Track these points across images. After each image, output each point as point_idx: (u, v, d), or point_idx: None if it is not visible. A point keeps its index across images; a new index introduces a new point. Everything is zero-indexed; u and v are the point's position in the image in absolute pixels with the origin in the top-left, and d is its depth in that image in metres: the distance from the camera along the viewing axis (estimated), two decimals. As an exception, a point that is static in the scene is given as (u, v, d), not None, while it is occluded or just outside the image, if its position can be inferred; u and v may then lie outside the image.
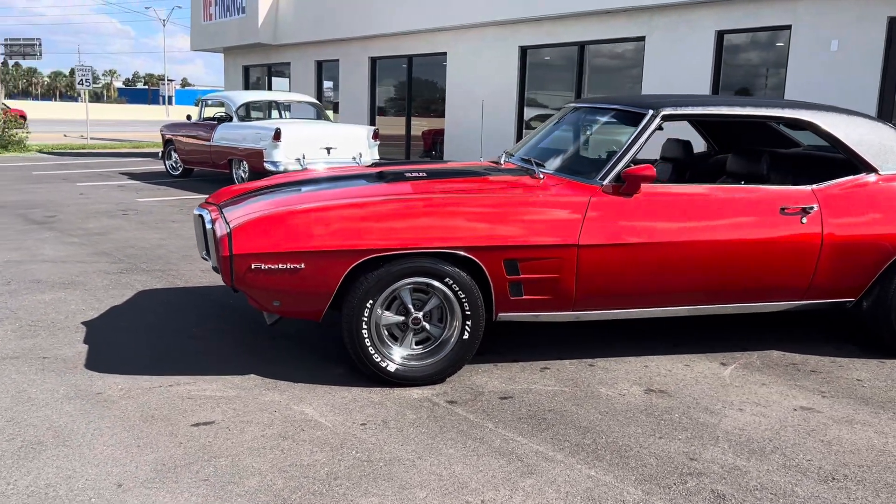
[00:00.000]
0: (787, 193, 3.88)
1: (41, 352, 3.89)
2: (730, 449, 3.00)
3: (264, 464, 2.77)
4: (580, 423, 3.22)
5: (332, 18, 15.62)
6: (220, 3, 18.34)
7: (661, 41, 10.60)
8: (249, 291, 3.45)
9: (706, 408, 3.41)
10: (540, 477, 2.73)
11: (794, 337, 4.49)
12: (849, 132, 4.03)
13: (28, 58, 45.25)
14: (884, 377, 3.86)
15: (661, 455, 2.93)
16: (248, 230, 3.39)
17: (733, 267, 3.79)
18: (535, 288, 3.63)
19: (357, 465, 2.79)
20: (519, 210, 3.58)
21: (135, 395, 3.35)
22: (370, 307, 3.45)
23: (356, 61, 15.82)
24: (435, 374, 3.58)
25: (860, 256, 3.92)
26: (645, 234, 3.65)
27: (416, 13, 13.81)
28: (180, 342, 4.12)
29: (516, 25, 12.50)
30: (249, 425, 3.09)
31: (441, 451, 2.92)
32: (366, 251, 3.36)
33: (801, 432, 3.17)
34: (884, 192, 3.98)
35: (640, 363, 3.99)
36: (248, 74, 19.59)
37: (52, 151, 20.77)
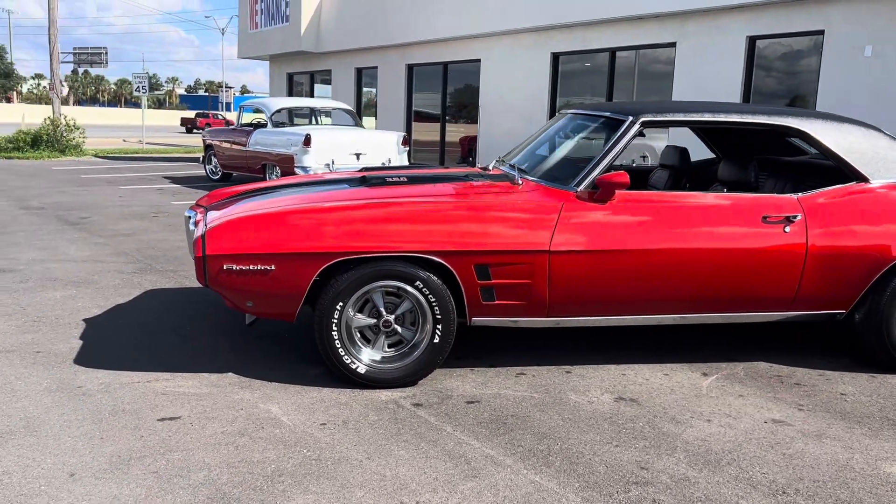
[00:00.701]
0: (770, 201, 3.80)
1: (37, 346, 4.06)
2: (685, 459, 2.96)
3: (215, 459, 2.84)
4: (540, 428, 3.22)
5: (372, 26, 15.82)
6: (266, 12, 18.75)
7: (692, 47, 10.45)
8: (223, 291, 3.55)
9: (673, 417, 3.37)
10: (482, 481, 2.75)
11: (788, 349, 4.39)
12: (839, 140, 3.92)
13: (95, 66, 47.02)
14: (870, 392, 3.74)
15: (611, 463, 2.91)
16: (220, 232, 3.49)
17: (713, 276, 3.73)
18: (507, 293, 3.64)
19: (305, 463, 2.84)
20: (491, 216, 3.60)
21: (112, 390, 3.48)
22: (340, 309, 3.51)
23: (394, 68, 15.99)
24: (405, 376, 3.62)
25: (848, 267, 3.82)
26: (619, 242, 3.62)
27: (452, 21, 13.90)
28: (172, 340, 4.25)
29: (549, 32, 12.46)
30: (213, 422, 3.18)
31: (392, 452, 2.95)
32: (334, 254, 3.43)
33: (764, 445, 3.10)
34: (874, 201, 3.87)
35: (618, 371, 3.95)
36: (293, 81, 19.96)
37: (106, 156, 21.55)
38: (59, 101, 22.99)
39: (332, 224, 3.47)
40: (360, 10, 16.27)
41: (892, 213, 3.84)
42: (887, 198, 3.88)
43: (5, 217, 8.68)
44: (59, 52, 22.51)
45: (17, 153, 20.52)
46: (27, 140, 21.24)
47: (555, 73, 12.59)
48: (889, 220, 3.83)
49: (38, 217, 8.76)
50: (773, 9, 9.45)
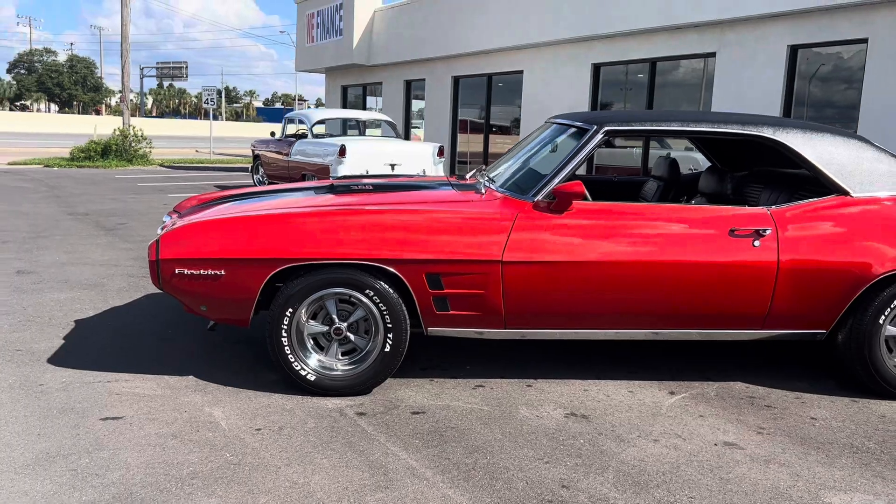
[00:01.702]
0: (738, 214, 3.64)
1: (20, 344, 4.22)
2: (612, 480, 2.85)
3: (138, 459, 2.89)
4: (475, 442, 3.15)
5: (420, 39, 15.96)
6: (321, 26, 19.14)
7: (731, 57, 10.13)
8: (177, 295, 3.62)
9: (619, 436, 3.25)
10: (392, 492, 2.71)
11: (772, 370, 4.19)
12: (819, 151, 3.73)
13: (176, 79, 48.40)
14: (843, 418, 3.53)
15: (534, 480, 2.83)
16: (174, 237, 3.56)
17: (676, 290, 3.59)
18: (461, 303, 3.59)
19: (224, 467, 2.86)
20: (444, 225, 3.55)
21: (70, 389, 3.58)
22: (290, 315, 3.52)
23: (440, 80, 16.07)
24: (356, 385, 3.60)
25: (825, 285, 3.62)
26: (574, 253, 3.53)
27: (495, 33, 13.89)
28: (149, 342, 4.35)
29: (590, 43, 12.30)
30: (152, 423, 3.24)
31: (314, 460, 2.94)
32: (282, 260, 3.45)
33: (704, 469, 2.96)
34: (854, 216, 3.66)
35: (581, 386, 3.84)
36: (347, 93, 20.29)
37: (170, 165, 22.32)
38: (128, 112, 23.99)
39: (280, 231, 3.50)
40: (409, 23, 16.44)
41: (872, 228, 3.63)
42: (869, 212, 3.66)
43: (48, 222, 9.08)
44: (129, 65, 23.48)
45: (87, 162, 21.49)
46: (97, 150, 22.22)
47: (595, 84, 12.41)
48: (869, 236, 3.61)
49: (78, 222, 9.13)
50: (814, 16, 9.08)
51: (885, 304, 3.64)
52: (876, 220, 3.64)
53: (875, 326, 3.65)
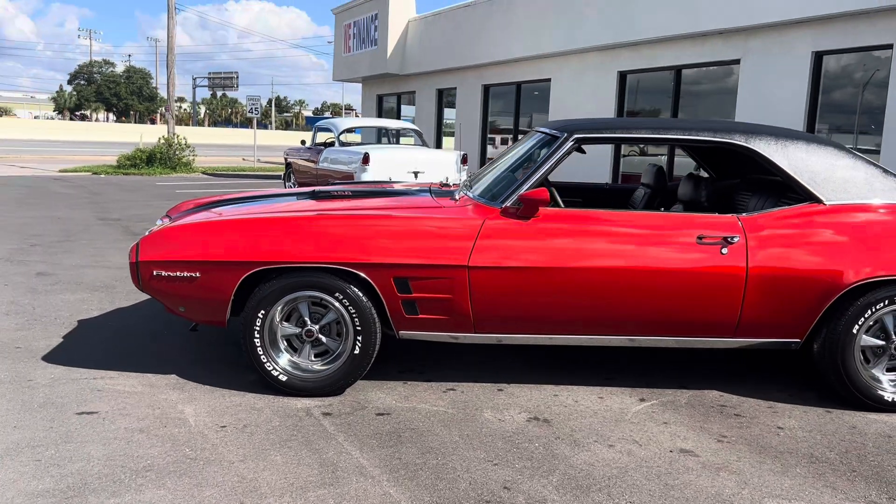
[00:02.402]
0: (707, 221, 3.63)
1: (21, 342, 4.43)
2: (556, 483, 2.87)
3: (101, 452, 3.02)
4: (430, 443, 3.21)
5: (451, 48, 16.09)
6: (357, 37, 19.44)
7: (755, 64, 9.99)
8: (156, 296, 3.76)
9: (575, 441, 3.27)
10: (335, 489, 2.78)
11: (753, 378, 4.15)
12: (791, 159, 3.69)
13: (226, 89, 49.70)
14: (812, 428, 3.48)
15: (477, 481, 2.87)
16: (153, 240, 3.71)
17: (643, 297, 3.60)
18: (430, 307, 3.65)
19: (180, 460, 2.97)
20: (413, 230, 3.62)
21: (57, 385, 3.75)
22: (262, 317, 3.63)
23: (471, 89, 16.17)
24: (326, 386, 3.69)
25: (796, 293, 3.58)
26: (540, 258, 3.56)
27: (523, 41, 13.93)
28: (142, 342, 4.52)
29: (616, 50, 12.26)
30: (124, 418, 3.37)
31: (268, 456, 3.04)
32: (254, 263, 3.56)
33: (652, 474, 2.96)
34: (825, 224, 3.61)
35: (552, 391, 3.87)
36: (382, 102, 20.54)
37: (212, 173, 22.88)
38: (172, 121, 24.66)
39: (252, 234, 3.61)
40: (441, 32, 16.59)
41: (844, 236, 3.58)
42: (841, 220, 3.61)
43: (79, 227, 9.43)
44: (174, 76, 24.16)
45: (133, 170, 22.18)
46: (143, 158, 22.90)
47: (621, 92, 12.35)
48: (841, 245, 3.56)
49: (108, 227, 9.46)
50: (839, 22, 8.91)
51: (859, 314, 3.58)
52: (848, 228, 3.59)
53: (848, 336, 3.60)
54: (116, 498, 2.66)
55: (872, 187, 3.69)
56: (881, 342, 3.68)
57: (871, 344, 3.68)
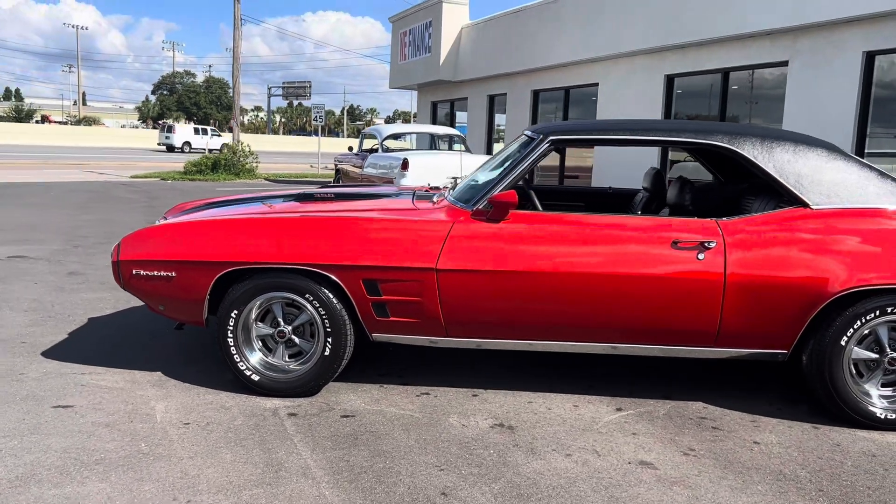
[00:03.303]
0: (683, 226, 3.49)
1: (28, 337, 4.61)
2: (497, 491, 2.80)
3: (60, 444, 3.10)
4: (384, 447, 3.18)
5: (501, 54, 16.03)
6: (412, 44, 19.59)
7: (804, 65, 9.58)
8: (137, 295, 3.86)
9: (533, 449, 3.18)
10: (271, 488, 2.78)
11: (746, 391, 3.97)
12: (777, 161, 3.52)
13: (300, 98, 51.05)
14: (791, 444, 3.30)
15: (417, 486, 2.83)
16: (133, 240, 3.81)
17: (616, 303, 3.48)
18: (400, 310, 3.63)
19: (132, 455, 3.03)
20: (383, 232, 3.61)
21: (45, 379, 3.88)
22: (235, 317, 3.68)
23: (520, 95, 16.06)
24: (298, 387, 3.71)
25: (779, 302, 3.40)
26: (507, 262, 3.49)
27: (571, 45, 13.76)
28: (142, 340, 4.64)
29: (663, 54, 11.97)
30: (95, 412, 3.46)
31: (218, 454, 3.06)
32: (225, 263, 3.61)
33: (600, 486, 2.86)
34: (810, 230, 3.42)
35: (528, 398, 3.78)
36: (436, 109, 20.63)
37: (274, 179, 23.44)
38: (237, 129, 25.40)
39: (224, 235, 3.67)
40: (492, 38, 16.55)
41: (830, 243, 3.38)
42: (827, 226, 3.42)
43: (124, 229, 9.76)
44: (240, 85, 24.89)
45: (198, 176, 22.92)
46: (208, 164, 23.66)
47: (668, 96, 12.04)
48: (827, 252, 3.37)
49: (152, 231, 9.77)
50: (892, 20, 8.46)
51: (847, 325, 3.38)
52: (834, 234, 3.40)
53: (836, 348, 3.40)
54: (57, 489, 2.73)
55: (865, 191, 3.48)
56: (875, 355, 3.46)
57: (863, 357, 3.46)
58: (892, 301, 3.35)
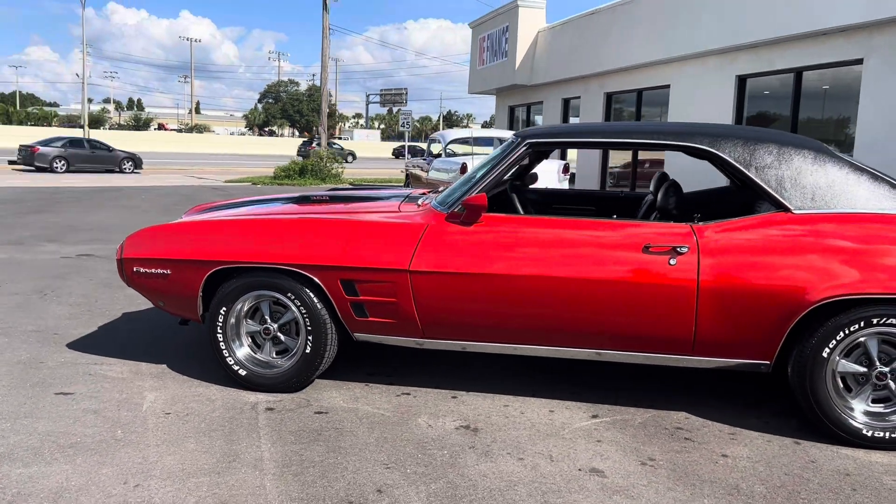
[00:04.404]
0: (657, 230, 3.39)
1: (61, 329, 4.95)
2: (432, 491, 2.82)
3: (46, 428, 3.33)
4: (343, 443, 3.25)
5: (575, 56, 15.85)
6: (490, 49, 19.64)
7: (880, 63, 9.01)
8: (139, 291, 4.09)
9: (488, 452, 3.18)
10: (216, 478, 2.90)
11: (737, 402, 3.81)
12: (759, 163, 3.37)
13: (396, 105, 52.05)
14: (762, 458, 3.15)
15: (356, 482, 2.88)
16: (135, 239, 4.04)
17: (587, 308, 3.42)
18: (377, 310, 3.70)
19: (105, 440, 3.21)
20: (360, 234, 3.68)
21: (60, 368, 4.17)
22: (224, 314, 3.84)
23: (593, 98, 15.81)
24: (281, 383, 3.83)
25: (755, 310, 3.26)
26: (478, 264, 3.50)
27: (643, 46, 13.46)
28: (162, 334, 4.90)
29: (734, 54, 11.52)
30: (90, 400, 3.69)
31: (184, 444, 3.21)
32: (214, 262, 3.78)
33: (537, 492, 2.83)
34: (790, 235, 3.25)
35: (504, 402, 3.77)
36: (514, 114, 20.58)
37: (359, 184, 23.98)
38: (325, 135, 26.14)
39: (214, 236, 3.83)
40: (566, 41, 16.39)
41: (810, 249, 3.21)
42: (807, 231, 3.24)
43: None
44: (327, 94, 25.60)
45: (287, 180, 23.80)
46: (296, 169, 24.53)
47: (740, 98, 11.58)
48: (806, 258, 3.20)
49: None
50: (974, 12, 7.87)
51: (830, 336, 3.20)
52: (815, 240, 3.22)
53: (817, 359, 3.22)
54: (25, 468, 2.94)
55: (854, 195, 3.29)
56: (863, 369, 3.26)
57: (851, 370, 3.27)
58: (878, 312, 3.15)
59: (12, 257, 7.78)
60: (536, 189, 5.14)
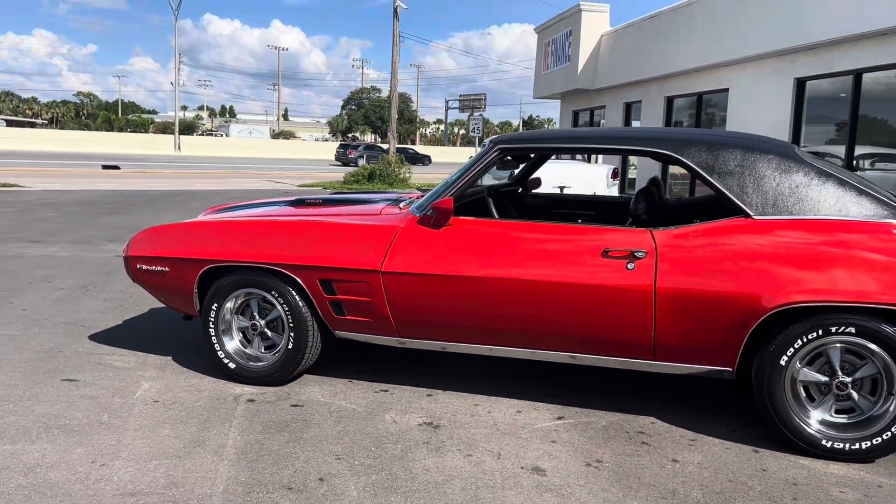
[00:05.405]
0: (616, 235, 3.41)
1: (89, 321, 5.31)
2: (370, 482, 2.94)
3: (43, 410, 3.61)
4: (306, 435, 3.41)
5: (636, 60, 15.65)
6: (554, 54, 19.58)
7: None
8: (143, 287, 4.36)
9: (439, 448, 3.27)
10: (176, 461, 3.09)
11: (715, 411, 3.77)
12: (722, 168, 3.34)
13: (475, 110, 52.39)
14: (710, 464, 3.13)
15: (302, 471, 3.03)
16: (139, 238, 4.32)
17: (549, 311, 3.47)
18: (354, 309, 3.85)
19: (91, 424, 3.47)
20: (339, 235, 3.84)
21: (75, 357, 4.49)
22: (215, 310, 4.07)
23: (653, 102, 15.55)
24: (265, 376, 4.03)
25: (711, 316, 3.23)
26: (444, 266, 3.60)
27: (702, 49, 13.17)
28: (175, 329, 5.19)
29: (793, 55, 11.14)
30: (90, 387, 3.98)
31: (159, 429, 3.44)
32: (205, 261, 4.01)
33: (471, 487, 2.91)
34: (747, 241, 3.21)
35: (475, 401, 3.85)
36: (577, 118, 20.43)
37: (425, 188, 24.26)
38: (394, 141, 26.57)
39: (206, 236, 4.06)
40: (628, 44, 16.19)
41: (767, 256, 3.16)
42: (766, 238, 3.19)
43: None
44: (396, 100, 26.02)
45: (356, 185, 24.33)
46: (365, 175, 25.05)
47: (798, 101, 11.19)
48: (763, 265, 3.15)
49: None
50: None
51: (788, 343, 3.15)
52: (773, 246, 3.17)
53: (776, 367, 3.18)
54: (11, 445, 3.21)
55: (817, 201, 3.22)
56: (825, 378, 3.19)
57: (812, 379, 3.21)
58: (836, 320, 3.08)
59: (74, 255, 8.32)
60: (538, 194, 5.19)
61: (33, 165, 28.76)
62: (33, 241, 9.19)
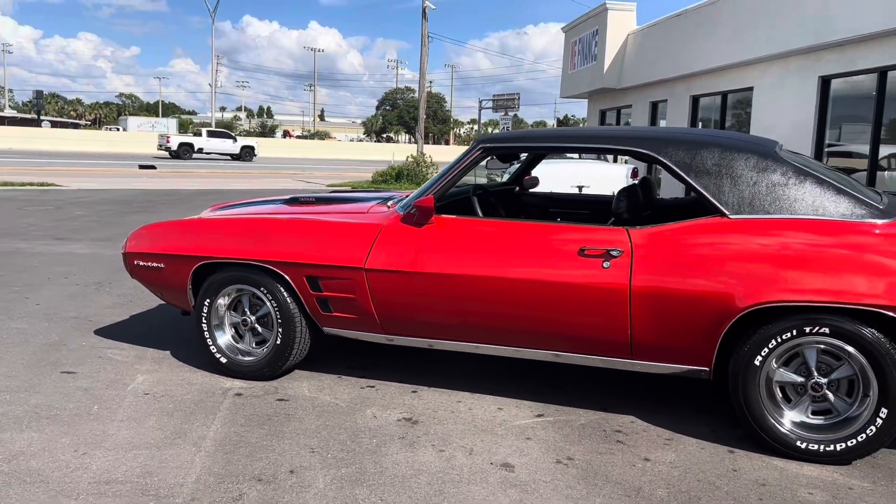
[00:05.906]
0: (593, 233, 3.41)
1: (96, 317, 5.45)
2: (339, 476, 2.99)
3: (38, 400, 3.73)
4: (286, 428, 3.47)
5: (662, 59, 15.50)
6: (581, 53, 19.48)
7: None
8: (141, 283, 4.47)
9: (413, 443, 3.31)
10: (154, 451, 3.18)
11: (700, 412, 3.75)
12: (700, 167, 3.32)
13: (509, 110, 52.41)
14: (681, 464, 3.12)
15: (275, 463, 3.09)
16: (137, 235, 4.43)
17: (526, 309, 3.49)
18: (340, 306, 3.91)
19: (80, 414, 3.58)
20: (325, 233, 3.90)
21: (77, 350, 4.62)
22: (207, 306, 4.16)
23: (679, 101, 15.38)
24: (255, 371, 4.11)
25: (686, 316, 3.22)
26: (424, 264, 3.63)
27: (727, 47, 13.00)
28: (178, 325, 5.30)
29: (818, 53, 10.95)
30: (86, 379, 4.10)
31: (144, 420, 3.53)
32: (197, 258, 4.11)
33: (437, 482, 2.94)
34: (722, 240, 3.19)
35: (458, 398, 3.88)
36: (605, 117, 20.29)
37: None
38: (422, 141, 26.67)
39: (199, 233, 4.16)
40: (653, 43, 16.05)
41: (742, 255, 3.13)
42: (741, 237, 3.17)
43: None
44: (424, 100, 26.12)
45: (383, 185, 24.45)
46: (392, 174, 25.18)
47: (823, 100, 10.98)
48: (737, 265, 3.13)
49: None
50: None
51: (762, 343, 3.13)
52: (747, 246, 3.14)
53: (750, 367, 3.16)
54: (1, 433, 3.34)
55: (794, 200, 3.18)
56: (800, 379, 3.16)
57: (788, 380, 3.18)
58: (809, 319, 3.05)
59: (95, 252, 8.54)
60: (535, 193, 5.20)
61: (73, 165, 29.46)
62: (59, 238, 9.44)
